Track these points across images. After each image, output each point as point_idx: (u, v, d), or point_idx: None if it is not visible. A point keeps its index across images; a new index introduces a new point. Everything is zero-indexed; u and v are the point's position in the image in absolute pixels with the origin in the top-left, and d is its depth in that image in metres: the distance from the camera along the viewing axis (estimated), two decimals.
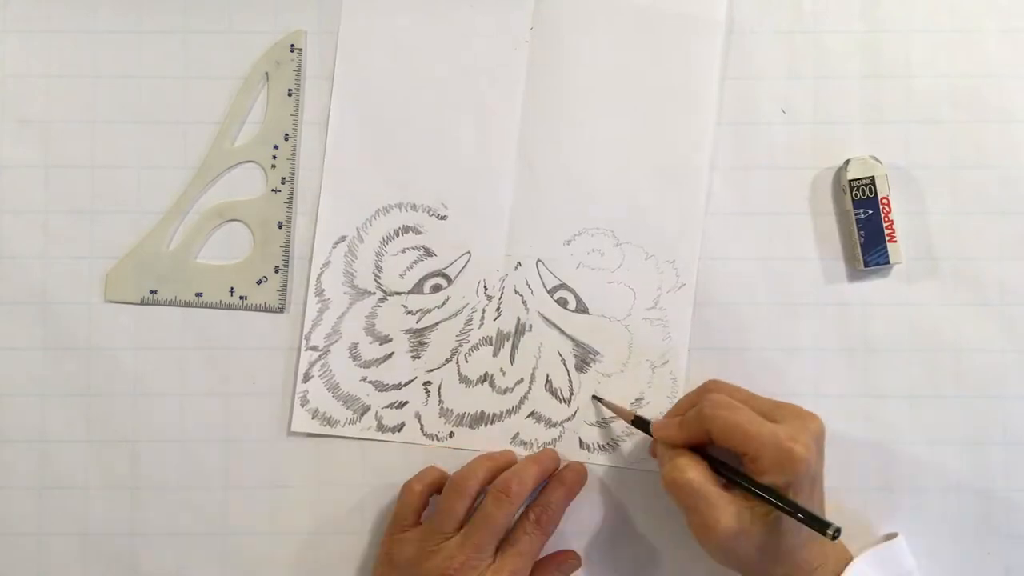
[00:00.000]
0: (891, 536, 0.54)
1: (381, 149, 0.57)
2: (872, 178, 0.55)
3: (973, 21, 0.57)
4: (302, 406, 0.56)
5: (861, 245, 0.55)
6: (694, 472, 0.48)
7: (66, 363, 0.56)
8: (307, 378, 0.56)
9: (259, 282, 0.56)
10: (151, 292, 0.56)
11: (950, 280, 0.56)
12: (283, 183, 0.57)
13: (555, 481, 0.54)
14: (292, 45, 0.57)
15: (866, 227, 0.55)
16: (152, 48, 0.57)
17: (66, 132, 0.57)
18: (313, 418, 0.56)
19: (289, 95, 0.57)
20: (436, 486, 0.54)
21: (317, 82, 0.57)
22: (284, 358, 0.56)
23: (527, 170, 0.57)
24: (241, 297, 0.56)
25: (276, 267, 0.56)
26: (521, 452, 0.56)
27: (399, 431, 0.56)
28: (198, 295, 0.56)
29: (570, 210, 0.57)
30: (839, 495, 0.55)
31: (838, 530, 0.45)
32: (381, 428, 0.56)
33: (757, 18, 0.57)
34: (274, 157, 0.57)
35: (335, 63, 0.57)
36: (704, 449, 0.50)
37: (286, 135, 0.57)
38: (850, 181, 0.55)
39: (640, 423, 0.54)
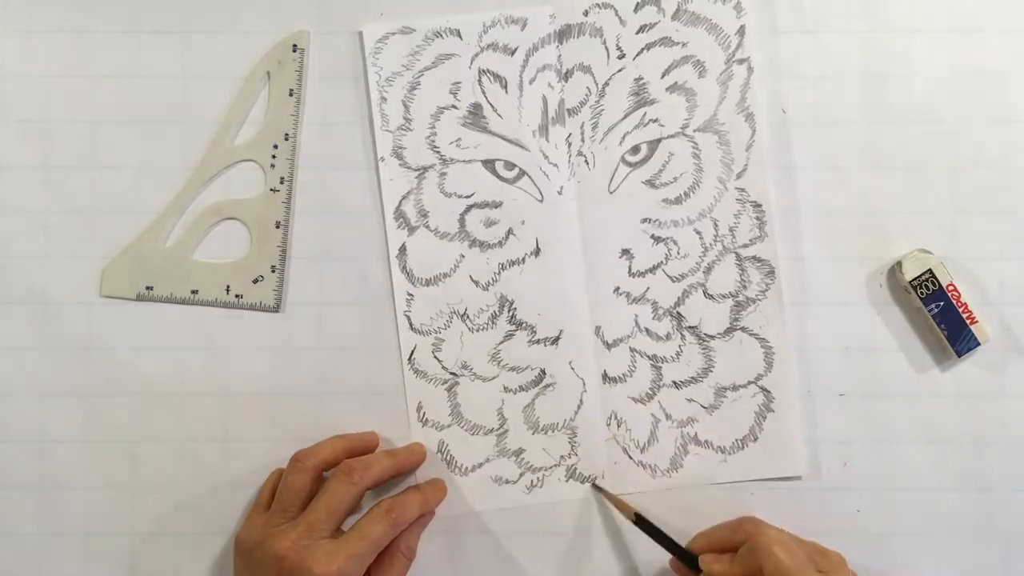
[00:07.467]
0: None
1: None
2: (930, 271, 0.54)
3: (973, 21, 0.57)
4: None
5: (947, 338, 0.55)
6: None
7: (66, 363, 0.56)
8: None
9: (255, 281, 0.56)
10: (147, 288, 0.56)
11: (950, 280, 0.56)
12: (282, 183, 0.57)
13: (413, 488, 0.54)
14: (295, 45, 0.57)
15: (944, 320, 0.54)
16: (152, 48, 0.57)
17: (66, 132, 0.57)
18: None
19: (291, 95, 0.57)
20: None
21: (319, 82, 0.57)
22: (279, 358, 0.56)
23: None
24: (237, 295, 0.56)
25: (272, 266, 0.56)
26: None
27: None
28: (194, 292, 0.56)
29: None
30: (839, 495, 0.55)
31: None
32: None
33: (757, 18, 0.57)
34: (273, 157, 0.57)
35: None
36: None
37: (286, 135, 0.57)
38: (910, 282, 0.54)
39: (643, 524, 0.52)
